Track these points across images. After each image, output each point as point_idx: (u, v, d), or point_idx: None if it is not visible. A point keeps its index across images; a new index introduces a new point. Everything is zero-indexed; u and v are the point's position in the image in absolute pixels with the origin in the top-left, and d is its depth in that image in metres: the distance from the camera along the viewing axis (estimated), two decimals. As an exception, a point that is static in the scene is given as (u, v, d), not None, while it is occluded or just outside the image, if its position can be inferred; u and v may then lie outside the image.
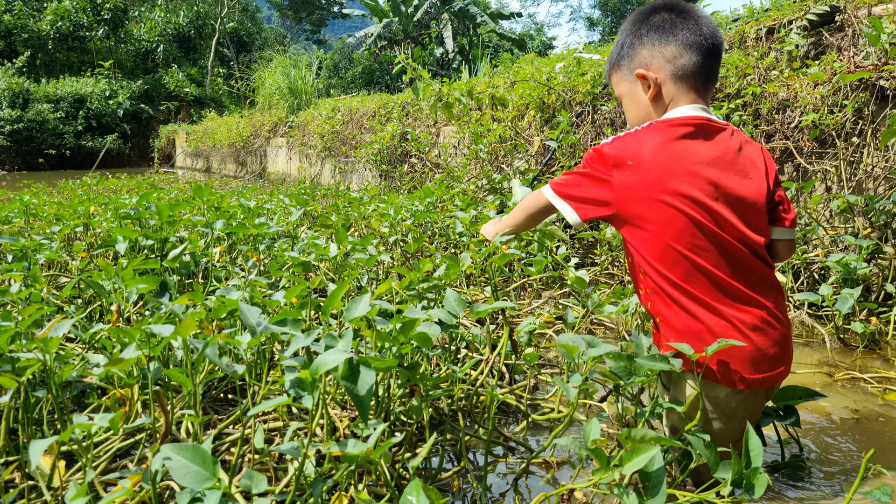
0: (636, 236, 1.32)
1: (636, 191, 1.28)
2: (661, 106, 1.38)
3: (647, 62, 1.37)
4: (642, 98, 1.40)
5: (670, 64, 1.34)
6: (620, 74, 1.45)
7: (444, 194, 4.09)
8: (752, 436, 1.06)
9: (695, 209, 1.25)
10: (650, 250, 1.29)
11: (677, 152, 1.28)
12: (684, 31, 1.34)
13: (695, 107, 1.33)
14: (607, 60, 1.51)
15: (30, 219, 3.49)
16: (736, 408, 1.28)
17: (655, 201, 1.26)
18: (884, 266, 2.53)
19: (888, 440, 1.63)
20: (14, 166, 17.91)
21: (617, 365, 1.23)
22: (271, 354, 1.66)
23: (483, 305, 1.44)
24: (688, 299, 1.26)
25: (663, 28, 1.36)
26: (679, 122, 1.30)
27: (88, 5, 21.44)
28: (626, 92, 1.44)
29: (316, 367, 1.02)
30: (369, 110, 7.86)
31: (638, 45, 1.39)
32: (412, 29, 23.19)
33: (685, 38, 1.34)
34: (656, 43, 1.36)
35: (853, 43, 2.92)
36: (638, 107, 1.42)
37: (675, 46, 1.34)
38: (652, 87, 1.36)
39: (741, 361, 1.24)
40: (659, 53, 1.36)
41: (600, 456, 1.02)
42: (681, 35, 1.34)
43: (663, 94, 1.36)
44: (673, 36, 1.34)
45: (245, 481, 0.93)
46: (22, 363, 1.20)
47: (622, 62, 1.44)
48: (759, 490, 1.00)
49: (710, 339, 1.23)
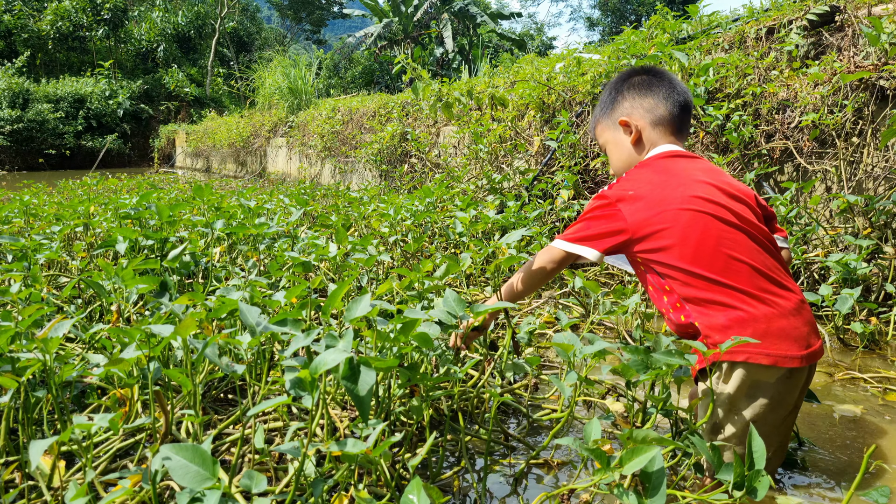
0: (659, 253, 1.38)
1: (646, 211, 1.40)
2: (641, 148, 1.58)
3: (629, 112, 1.58)
4: (624, 141, 1.59)
5: (649, 113, 1.56)
6: (605, 125, 1.65)
7: (444, 194, 4.09)
8: (755, 437, 1.06)
9: (709, 206, 1.37)
10: (680, 258, 1.35)
11: (669, 169, 1.46)
12: (661, 87, 1.57)
13: (671, 146, 1.53)
14: (592, 117, 1.73)
15: (30, 219, 3.49)
16: (784, 391, 1.31)
17: (669, 212, 1.37)
18: (884, 266, 2.53)
19: (888, 440, 1.63)
20: (14, 166, 17.90)
21: (633, 359, 1.23)
22: (271, 354, 1.66)
23: (483, 305, 1.44)
24: (728, 294, 1.31)
25: (643, 85, 1.59)
26: (661, 155, 1.52)
27: (88, 5, 21.44)
28: (611, 138, 1.63)
29: (316, 367, 1.02)
30: (369, 110, 7.86)
31: (620, 99, 1.61)
32: (412, 29, 23.19)
33: (662, 93, 1.56)
34: (636, 96, 1.58)
35: (853, 43, 2.92)
36: (620, 150, 1.61)
37: (652, 99, 1.56)
38: (634, 132, 1.57)
39: (789, 342, 1.28)
40: (639, 105, 1.57)
41: (600, 456, 1.02)
42: (658, 91, 1.57)
43: (643, 138, 1.57)
44: (651, 91, 1.57)
45: (245, 481, 0.93)
46: (22, 363, 1.20)
47: (606, 113, 1.64)
48: (762, 492, 1.00)
49: (759, 326, 1.28)
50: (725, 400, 1.32)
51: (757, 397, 1.30)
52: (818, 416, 1.78)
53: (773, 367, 1.28)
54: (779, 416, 1.32)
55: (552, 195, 4.04)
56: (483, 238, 3.47)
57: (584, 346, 1.29)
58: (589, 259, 1.46)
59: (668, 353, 1.21)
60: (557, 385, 1.33)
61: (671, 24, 3.78)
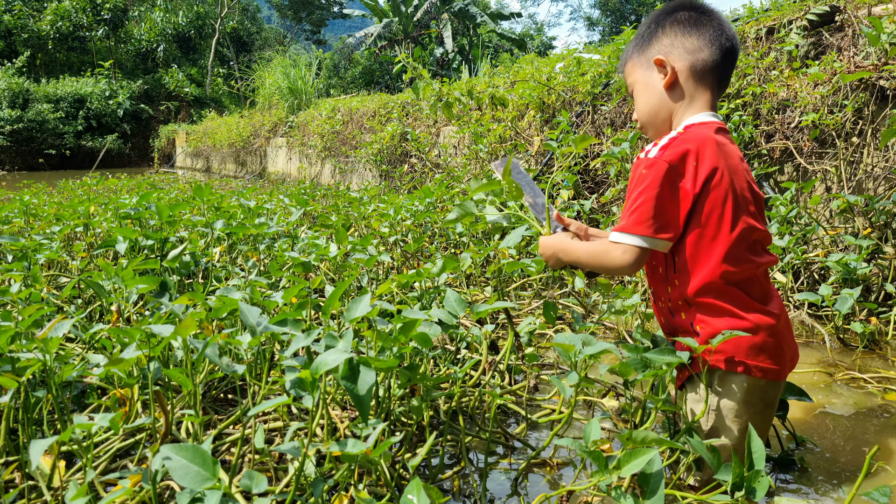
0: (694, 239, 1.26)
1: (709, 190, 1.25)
2: (675, 95, 1.37)
3: (667, 50, 1.37)
4: (657, 85, 1.38)
5: (690, 56, 1.35)
6: (636, 62, 1.43)
7: (444, 194, 4.09)
8: (754, 437, 1.06)
9: (745, 206, 1.27)
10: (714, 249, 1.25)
11: (723, 148, 1.28)
12: (708, 27, 1.35)
13: (711, 114, 1.35)
14: (625, 50, 1.50)
15: (30, 219, 3.49)
16: (773, 396, 1.31)
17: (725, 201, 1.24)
18: (884, 266, 2.53)
19: (888, 440, 1.63)
20: (14, 166, 17.91)
21: (632, 359, 1.22)
22: (271, 354, 1.66)
23: (483, 306, 1.44)
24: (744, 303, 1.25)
25: (689, 22, 1.37)
26: (711, 126, 1.32)
27: (88, 5, 21.45)
28: (641, 79, 1.42)
29: (316, 367, 1.02)
30: (369, 110, 7.86)
31: (659, 34, 1.39)
32: (412, 29, 23.19)
33: (708, 34, 1.35)
34: (679, 34, 1.36)
35: (853, 43, 2.92)
36: (650, 93, 1.40)
37: (696, 39, 1.35)
38: (669, 74, 1.36)
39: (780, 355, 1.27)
40: (680, 44, 1.36)
41: (598, 458, 1.02)
42: (705, 31, 1.35)
43: (680, 84, 1.36)
44: (696, 30, 1.35)
45: (245, 481, 0.93)
46: (22, 363, 1.20)
47: (640, 50, 1.42)
48: (761, 493, 1.00)
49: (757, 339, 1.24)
50: (718, 405, 1.30)
51: (749, 404, 1.28)
52: (818, 416, 1.78)
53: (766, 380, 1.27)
54: (766, 421, 1.32)
55: (552, 195, 4.04)
56: (483, 238, 3.46)
57: (584, 347, 1.29)
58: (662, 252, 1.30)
59: (664, 351, 1.20)
60: (558, 385, 1.33)
61: (671, 24, 3.77)
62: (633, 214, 1.26)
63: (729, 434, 1.29)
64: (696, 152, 1.25)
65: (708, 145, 1.26)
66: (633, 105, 3.69)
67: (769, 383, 1.28)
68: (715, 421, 1.31)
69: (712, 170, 1.24)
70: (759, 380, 1.26)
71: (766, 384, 1.27)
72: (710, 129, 1.30)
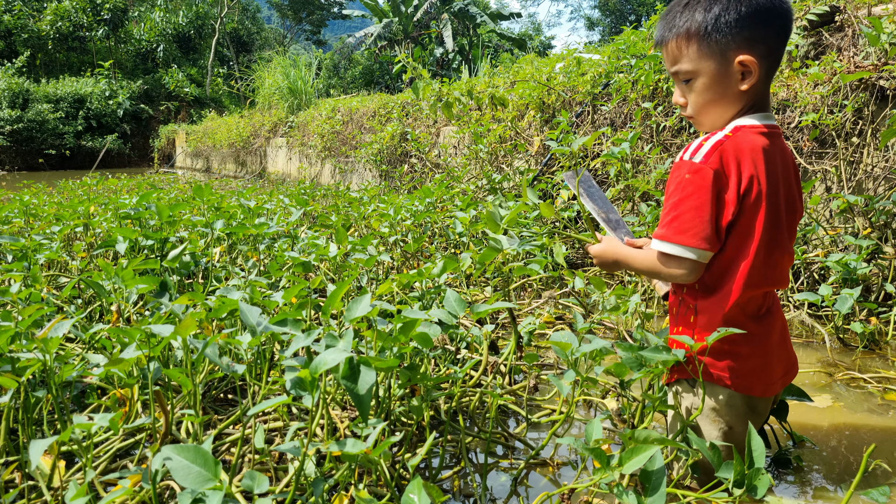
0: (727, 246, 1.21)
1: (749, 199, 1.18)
2: (746, 98, 1.22)
3: (749, 48, 1.18)
4: (734, 86, 1.21)
5: (771, 57, 1.20)
6: (705, 50, 1.20)
7: (444, 194, 4.09)
8: (754, 436, 1.06)
9: (781, 218, 1.21)
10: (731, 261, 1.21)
11: (770, 156, 1.19)
12: (781, 16, 1.18)
13: (766, 115, 1.24)
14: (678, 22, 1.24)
15: (30, 219, 3.49)
16: (762, 407, 1.32)
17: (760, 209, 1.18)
18: (884, 266, 2.53)
19: (888, 440, 1.63)
20: (14, 166, 17.91)
21: (627, 357, 1.22)
22: (271, 354, 1.66)
23: (483, 306, 1.44)
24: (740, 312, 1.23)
25: (768, 10, 1.17)
26: (761, 129, 1.21)
27: (88, 5, 21.45)
28: (711, 71, 1.21)
29: (316, 367, 1.02)
30: (369, 110, 7.86)
31: (742, 24, 1.17)
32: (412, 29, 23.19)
33: (781, 27, 1.19)
34: (760, 27, 1.17)
35: (853, 43, 2.92)
36: (723, 90, 1.22)
37: (774, 36, 1.19)
38: (754, 78, 1.19)
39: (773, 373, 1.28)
40: (762, 41, 1.18)
41: (600, 456, 1.02)
42: (779, 22, 1.18)
43: (757, 86, 1.21)
44: (775, 20, 1.18)
45: (247, 482, 0.93)
46: (22, 363, 1.20)
47: (713, 37, 1.19)
48: (762, 490, 1.00)
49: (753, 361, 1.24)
50: (708, 409, 1.30)
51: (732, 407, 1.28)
52: (818, 416, 1.78)
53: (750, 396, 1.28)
54: (756, 424, 1.32)
55: (552, 195, 4.04)
56: (483, 238, 3.46)
57: (581, 345, 1.29)
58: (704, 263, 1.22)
59: (658, 349, 1.20)
60: (556, 384, 1.33)
61: (671, 24, 3.77)
62: (678, 221, 1.19)
63: (710, 437, 1.30)
64: (747, 160, 1.16)
65: (756, 154, 1.17)
66: (629, 108, 3.70)
67: (754, 398, 1.29)
68: (699, 423, 1.32)
69: (749, 182, 1.16)
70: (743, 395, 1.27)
71: (751, 398, 1.28)
72: (760, 134, 1.20)
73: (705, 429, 1.31)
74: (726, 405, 1.28)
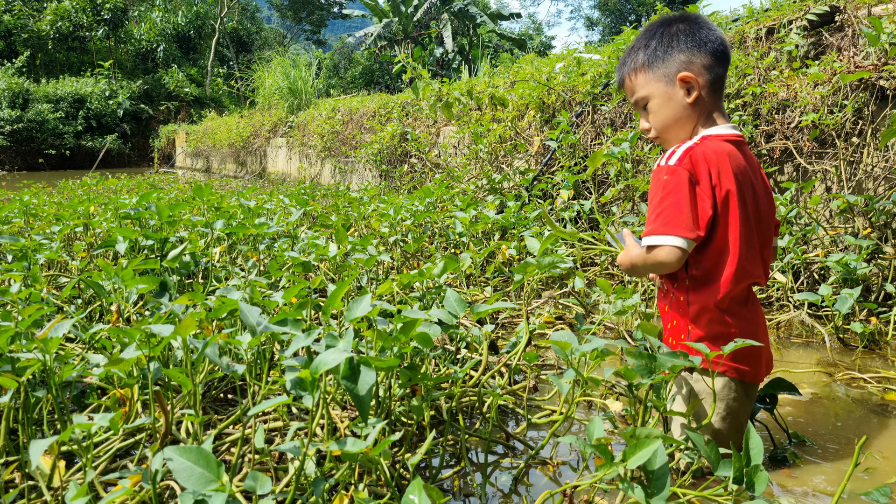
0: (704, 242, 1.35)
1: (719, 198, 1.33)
2: (698, 109, 1.42)
3: (687, 67, 1.41)
4: (680, 100, 1.42)
5: (708, 72, 1.41)
6: (652, 76, 1.45)
7: (444, 194, 4.09)
8: (752, 434, 1.07)
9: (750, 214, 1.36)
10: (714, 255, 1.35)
11: (736, 161, 1.36)
12: (713, 42, 1.41)
13: (728, 126, 1.43)
14: (626, 63, 1.51)
15: (30, 219, 3.49)
16: (752, 396, 1.43)
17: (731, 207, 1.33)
18: (884, 266, 2.53)
19: (888, 440, 1.63)
20: (14, 166, 17.91)
21: (637, 363, 1.24)
22: (271, 354, 1.66)
23: (483, 306, 1.44)
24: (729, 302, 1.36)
25: (696, 36, 1.41)
26: (726, 138, 1.40)
27: (88, 5, 21.44)
28: (659, 93, 1.44)
29: (316, 367, 1.02)
30: (369, 110, 7.86)
31: (674, 50, 1.42)
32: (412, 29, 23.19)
33: (715, 49, 1.41)
34: (694, 50, 1.41)
35: (853, 43, 2.92)
36: (673, 108, 1.43)
37: (709, 56, 1.40)
38: (695, 91, 1.40)
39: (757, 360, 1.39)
40: (697, 59, 1.40)
41: (605, 452, 1.02)
42: (711, 46, 1.41)
43: (703, 98, 1.41)
44: (705, 45, 1.41)
45: (249, 482, 0.93)
46: (22, 363, 1.20)
47: (653, 65, 1.45)
48: (760, 487, 1.01)
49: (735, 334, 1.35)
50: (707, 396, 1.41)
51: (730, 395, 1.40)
52: (818, 416, 1.78)
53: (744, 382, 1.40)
54: (745, 412, 1.42)
55: (552, 195, 4.04)
56: (483, 238, 3.47)
57: (580, 345, 1.29)
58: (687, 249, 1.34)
59: (672, 354, 1.22)
60: (556, 383, 1.33)
61: (671, 24, 3.77)
62: (662, 216, 1.32)
63: (707, 428, 1.40)
64: (713, 164, 1.33)
65: (722, 158, 1.33)
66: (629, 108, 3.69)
67: (748, 384, 1.40)
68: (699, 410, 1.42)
69: (724, 183, 1.32)
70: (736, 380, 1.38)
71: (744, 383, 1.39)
72: (726, 142, 1.38)
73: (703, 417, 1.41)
74: (724, 391, 1.39)
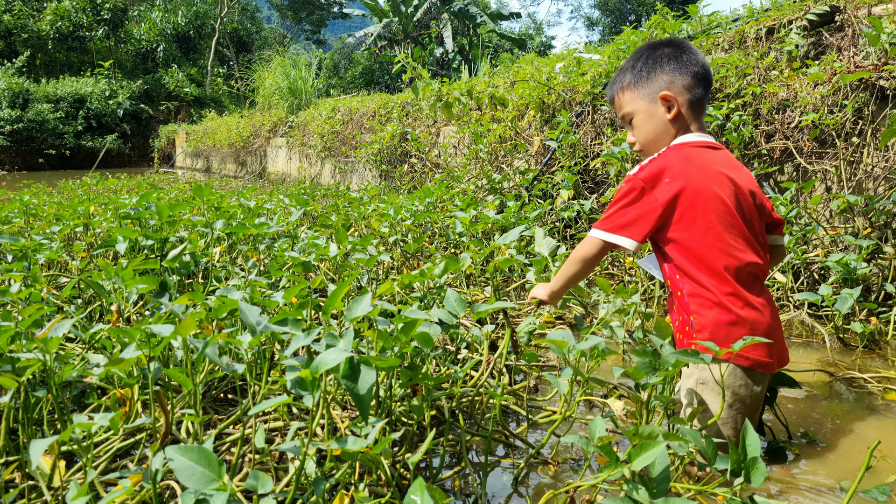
0: (680, 238, 1.46)
1: (680, 198, 1.45)
2: (677, 125, 1.57)
3: (668, 86, 1.56)
4: (661, 117, 1.57)
5: (688, 92, 1.56)
6: (637, 95, 1.61)
7: (444, 194, 4.09)
8: (749, 431, 1.07)
9: (729, 203, 1.45)
10: (695, 244, 1.44)
11: (701, 159, 1.49)
12: (695, 65, 1.56)
13: (703, 135, 1.57)
14: (615, 82, 1.68)
15: (30, 219, 3.49)
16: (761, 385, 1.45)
17: (698, 203, 1.44)
18: (884, 266, 2.53)
19: (888, 439, 1.63)
20: (14, 166, 17.90)
21: (642, 362, 1.24)
22: (271, 354, 1.66)
23: (483, 305, 1.44)
24: (721, 285, 1.41)
25: (679, 59, 1.57)
26: (692, 144, 1.54)
27: (88, 5, 21.43)
28: (643, 110, 1.60)
29: (316, 366, 1.02)
30: (369, 110, 7.86)
31: (658, 71, 1.58)
32: (412, 29, 23.19)
33: (696, 72, 1.56)
34: (676, 72, 1.56)
35: (853, 43, 2.92)
36: (654, 124, 1.59)
37: (690, 77, 1.56)
38: (675, 108, 1.55)
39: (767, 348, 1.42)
40: (679, 81, 1.56)
41: (609, 452, 1.02)
42: (693, 68, 1.56)
43: (682, 115, 1.56)
44: (688, 68, 1.56)
45: (250, 482, 0.93)
46: (22, 363, 1.20)
47: (638, 84, 1.60)
48: (758, 479, 1.02)
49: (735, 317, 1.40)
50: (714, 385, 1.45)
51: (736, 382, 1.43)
52: (818, 415, 1.78)
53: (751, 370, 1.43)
54: (754, 400, 1.45)
55: (552, 195, 4.04)
56: (483, 238, 3.46)
57: (577, 343, 1.30)
58: (628, 250, 1.50)
59: (678, 352, 1.22)
60: (555, 382, 1.33)
61: (671, 24, 3.78)
62: (605, 216, 1.54)
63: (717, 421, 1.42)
64: (668, 168, 1.47)
65: (679, 162, 1.47)
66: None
67: (755, 372, 1.43)
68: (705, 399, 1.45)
69: (682, 182, 1.45)
70: (742, 368, 1.42)
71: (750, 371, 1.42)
72: (689, 147, 1.52)
73: (712, 405, 1.44)
74: (729, 378, 1.42)
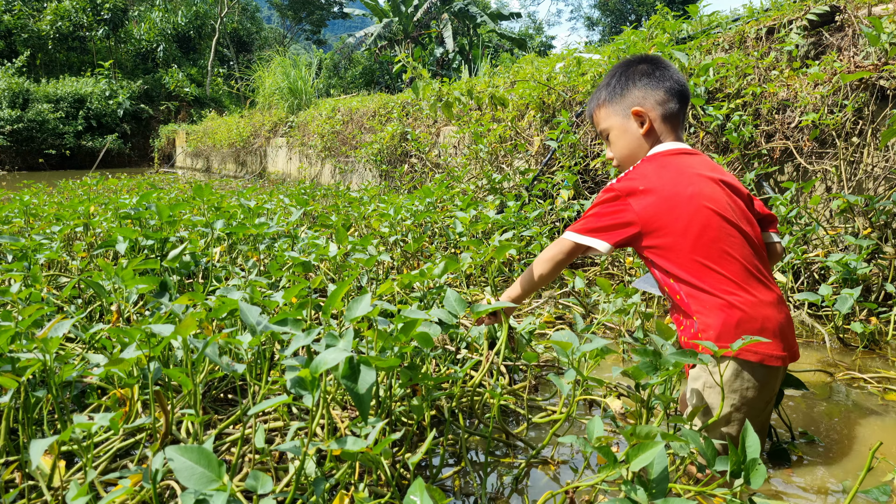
0: (664, 244, 1.45)
1: (656, 206, 1.45)
2: (650, 139, 1.60)
3: (641, 102, 1.60)
4: (635, 131, 1.61)
5: (661, 107, 1.59)
6: (611, 111, 1.65)
7: (444, 194, 4.09)
8: (749, 433, 1.07)
9: (711, 202, 1.44)
10: (683, 247, 1.43)
11: (676, 165, 1.51)
12: (668, 80, 1.59)
13: (678, 143, 1.59)
14: (593, 100, 1.72)
15: (30, 219, 3.49)
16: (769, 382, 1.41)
17: (676, 207, 1.44)
18: (884, 266, 2.53)
19: (888, 440, 1.64)
20: (14, 166, 17.89)
21: (643, 361, 1.23)
22: (271, 354, 1.66)
23: (483, 305, 1.44)
24: (720, 283, 1.40)
25: (652, 76, 1.60)
26: (669, 151, 1.56)
27: (88, 5, 21.43)
28: (617, 125, 1.64)
29: (316, 366, 1.02)
30: (369, 110, 7.86)
31: (631, 87, 1.61)
32: (412, 29, 23.19)
33: (670, 87, 1.59)
34: (647, 87, 1.60)
35: (853, 43, 2.92)
36: (629, 139, 1.62)
37: (664, 93, 1.58)
38: (647, 123, 1.58)
39: (774, 340, 1.39)
40: (651, 96, 1.59)
41: (607, 453, 1.02)
42: (665, 83, 1.59)
43: (655, 130, 1.59)
44: (661, 84, 1.59)
45: (250, 482, 0.93)
46: (22, 363, 1.20)
47: (613, 100, 1.65)
48: (758, 481, 1.02)
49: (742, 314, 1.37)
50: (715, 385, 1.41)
51: (743, 385, 1.39)
52: (818, 415, 1.78)
53: (758, 364, 1.39)
54: (762, 401, 1.41)
55: (552, 195, 4.04)
56: (483, 238, 3.46)
57: (581, 344, 1.29)
58: (600, 251, 1.50)
59: (679, 352, 1.21)
60: (556, 383, 1.33)
61: (671, 24, 3.78)
62: (579, 221, 1.56)
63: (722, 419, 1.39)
64: (643, 177, 1.49)
65: (654, 171, 1.50)
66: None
67: (768, 367, 1.39)
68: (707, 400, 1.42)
69: (656, 190, 1.46)
70: (748, 363, 1.38)
71: (757, 369, 1.38)
72: (664, 155, 1.55)
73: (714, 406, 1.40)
74: (733, 378, 1.39)
